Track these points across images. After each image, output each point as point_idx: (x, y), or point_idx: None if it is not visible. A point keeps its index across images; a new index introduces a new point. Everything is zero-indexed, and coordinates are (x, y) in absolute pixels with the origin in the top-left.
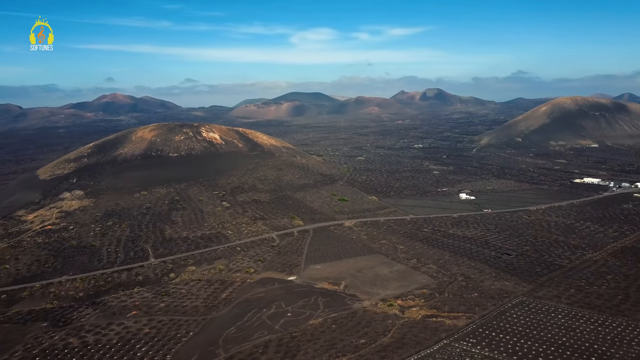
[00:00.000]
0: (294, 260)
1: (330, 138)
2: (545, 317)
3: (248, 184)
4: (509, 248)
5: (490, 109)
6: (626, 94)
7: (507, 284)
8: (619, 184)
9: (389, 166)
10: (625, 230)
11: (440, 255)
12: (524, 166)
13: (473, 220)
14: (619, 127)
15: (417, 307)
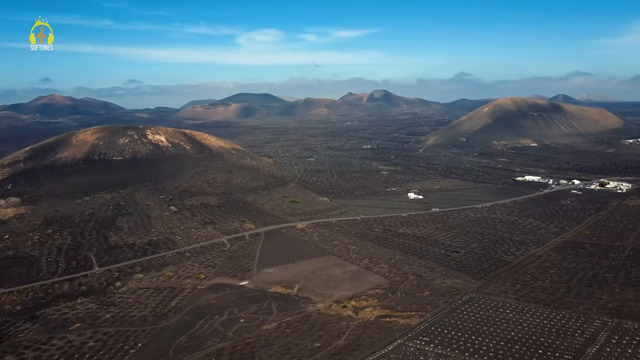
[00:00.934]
0: (246, 264)
1: (280, 139)
2: (494, 313)
3: (196, 187)
4: (458, 246)
5: (435, 110)
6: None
7: (457, 281)
8: (558, 181)
9: (339, 167)
10: (565, 225)
11: (391, 254)
12: (468, 165)
13: (422, 219)
14: (556, 126)
15: (371, 308)
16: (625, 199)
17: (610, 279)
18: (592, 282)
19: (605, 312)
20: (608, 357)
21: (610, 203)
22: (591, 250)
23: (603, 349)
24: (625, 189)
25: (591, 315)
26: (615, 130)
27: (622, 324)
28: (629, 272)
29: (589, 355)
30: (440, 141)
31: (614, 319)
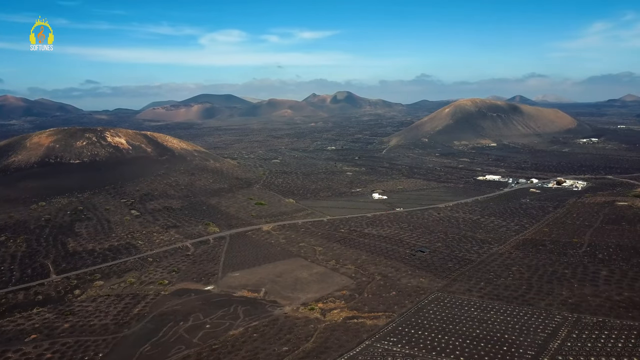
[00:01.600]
0: (211, 268)
1: (244, 141)
2: (459, 311)
3: (158, 191)
4: (423, 245)
5: (397, 111)
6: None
7: (422, 280)
8: (517, 180)
9: (305, 168)
10: (525, 223)
11: (357, 255)
12: (431, 165)
13: (387, 219)
14: (514, 127)
15: (338, 309)
16: (581, 196)
17: (569, 275)
18: (552, 278)
19: (566, 307)
20: (569, 351)
21: (567, 201)
22: (550, 247)
23: (564, 343)
24: (580, 187)
25: (552, 311)
26: (570, 130)
27: (582, 319)
28: (586, 267)
29: (551, 351)
30: (403, 142)
31: (573, 314)
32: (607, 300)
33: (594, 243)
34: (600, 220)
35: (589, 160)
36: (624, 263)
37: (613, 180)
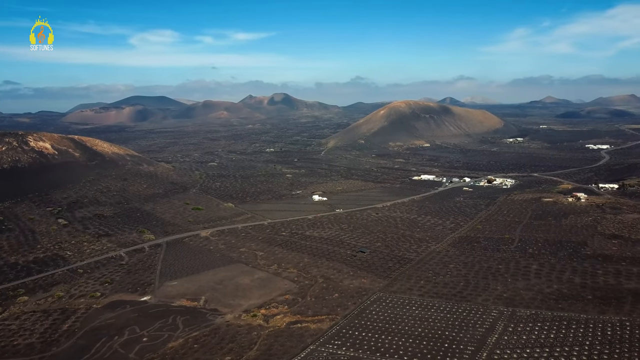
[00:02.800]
0: (147, 278)
1: (179, 143)
2: (401, 311)
3: (88, 198)
4: (363, 245)
5: (334, 113)
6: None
7: (364, 281)
8: (451, 179)
9: (243, 171)
10: (460, 221)
11: (299, 258)
12: (368, 166)
13: (327, 221)
14: (446, 127)
15: (281, 315)
16: (510, 194)
17: (503, 270)
18: (487, 274)
19: (501, 302)
20: (506, 345)
21: (497, 198)
22: (484, 244)
23: (501, 337)
24: (509, 185)
25: (489, 306)
26: (497, 130)
27: (516, 312)
28: (518, 262)
29: (489, 345)
30: (340, 143)
31: (509, 308)
32: (538, 293)
33: (524, 238)
34: (529, 216)
35: (516, 158)
36: (552, 257)
37: (538, 178)
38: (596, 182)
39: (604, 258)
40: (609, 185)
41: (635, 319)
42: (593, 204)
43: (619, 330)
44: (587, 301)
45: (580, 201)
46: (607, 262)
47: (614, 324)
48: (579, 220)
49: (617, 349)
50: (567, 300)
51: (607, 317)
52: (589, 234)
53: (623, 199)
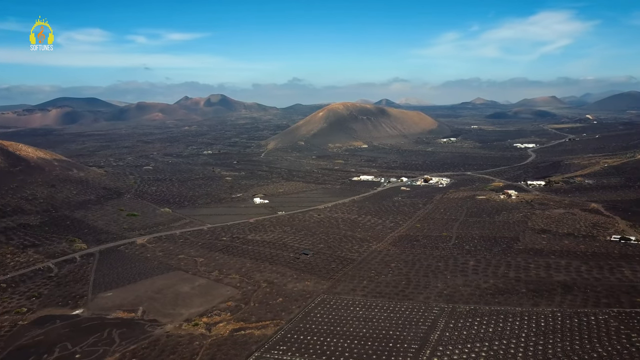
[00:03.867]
0: (79, 290)
1: (112, 147)
2: (345, 312)
3: (11, 206)
4: (306, 248)
5: (272, 115)
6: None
7: (308, 284)
8: (389, 179)
9: (180, 175)
10: (399, 220)
11: (241, 263)
12: (308, 168)
13: (269, 224)
14: (382, 129)
15: (224, 322)
16: (446, 192)
17: (442, 267)
18: (427, 271)
19: (442, 299)
20: (448, 341)
21: (434, 197)
22: (424, 242)
23: (443, 334)
24: (445, 184)
25: (430, 304)
26: (432, 130)
27: (457, 308)
28: (456, 259)
29: (432, 342)
30: (280, 145)
31: (449, 305)
32: (476, 288)
33: (461, 235)
34: (465, 214)
35: (450, 158)
36: (488, 252)
37: (472, 176)
38: (525, 179)
39: (535, 252)
40: (537, 182)
41: (566, 310)
42: (523, 200)
43: (552, 321)
44: (522, 294)
45: (511, 198)
46: (537, 256)
47: (546, 315)
48: (510, 216)
49: (551, 339)
50: (503, 295)
51: (540, 309)
52: (521, 230)
53: (549, 195)
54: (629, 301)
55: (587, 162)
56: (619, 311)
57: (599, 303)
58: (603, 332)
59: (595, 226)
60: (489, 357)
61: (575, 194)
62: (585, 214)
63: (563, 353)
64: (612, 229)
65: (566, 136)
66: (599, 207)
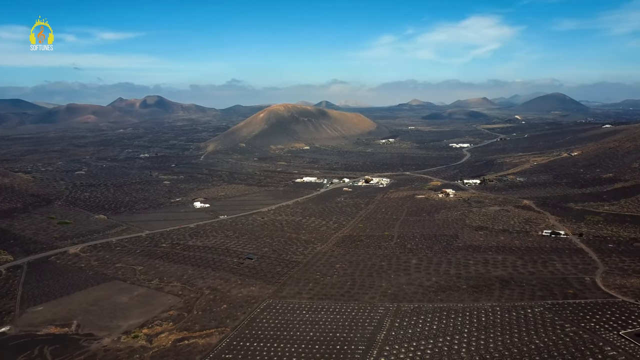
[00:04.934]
0: (5, 305)
1: (40, 151)
2: (292, 316)
3: None
4: (250, 252)
5: (212, 116)
6: (324, 102)
7: (253, 289)
8: (331, 180)
9: (116, 179)
10: (342, 221)
11: (183, 270)
12: (250, 170)
13: (211, 229)
14: (323, 130)
15: (166, 333)
16: (387, 192)
17: (385, 267)
18: (372, 271)
19: (387, 298)
20: (394, 340)
21: (375, 197)
22: (367, 242)
23: (389, 333)
24: (385, 184)
25: (375, 303)
26: (371, 132)
27: (401, 307)
28: (399, 258)
29: (379, 342)
30: (220, 147)
31: (394, 304)
32: (419, 286)
33: (402, 234)
34: (405, 213)
35: (389, 158)
36: (429, 250)
37: (411, 176)
38: (461, 178)
39: (474, 249)
40: (472, 180)
41: (504, 304)
42: (460, 198)
43: (492, 315)
44: (463, 291)
45: (449, 197)
46: (476, 253)
47: (486, 310)
48: (449, 214)
49: (492, 333)
50: (445, 292)
51: (481, 304)
52: (459, 227)
53: (485, 193)
54: (561, 293)
55: (518, 161)
56: (552, 303)
57: (534, 296)
58: (539, 324)
59: (528, 222)
60: (434, 355)
61: (509, 191)
62: (519, 210)
63: (503, 346)
64: (543, 224)
65: (498, 136)
66: (531, 203)
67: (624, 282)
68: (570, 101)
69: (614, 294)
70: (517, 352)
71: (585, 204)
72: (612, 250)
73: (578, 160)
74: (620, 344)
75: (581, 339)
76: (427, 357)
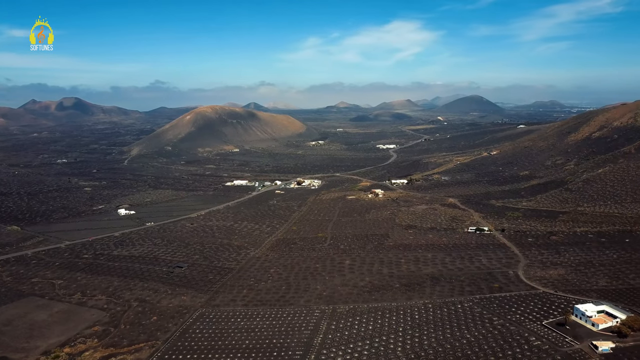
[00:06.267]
0: None
1: None
2: (226, 325)
3: None
4: (180, 260)
5: (135, 119)
6: (252, 103)
7: (184, 298)
8: (263, 183)
9: (30, 187)
10: (276, 224)
11: (108, 282)
12: (178, 174)
13: (138, 237)
14: (253, 132)
15: (91, 350)
16: (319, 194)
17: (320, 269)
18: (306, 274)
19: (322, 300)
20: (332, 343)
21: (308, 199)
22: (301, 245)
23: (326, 336)
24: (317, 185)
25: (311, 307)
26: (301, 134)
27: (337, 309)
28: (333, 259)
29: (316, 346)
30: (145, 151)
31: (329, 306)
32: (354, 287)
33: (335, 235)
34: (337, 214)
35: (320, 160)
36: (361, 250)
37: (341, 177)
38: (389, 178)
39: (404, 247)
40: (400, 180)
41: (436, 300)
42: (389, 198)
43: (424, 312)
44: (396, 289)
45: (378, 197)
46: (407, 251)
47: (419, 307)
48: (379, 214)
49: (425, 330)
50: (379, 291)
51: (414, 302)
52: (390, 226)
53: (412, 192)
54: (487, 287)
55: (442, 161)
56: (480, 297)
57: (463, 291)
58: (469, 319)
59: (454, 219)
60: (371, 356)
61: (434, 190)
62: (445, 208)
63: (437, 343)
64: (468, 221)
65: (422, 137)
66: (456, 201)
67: (543, 274)
68: (487, 103)
69: (536, 286)
70: (450, 347)
71: (506, 201)
72: (531, 244)
73: (497, 159)
74: (543, 333)
75: (508, 330)
76: (365, 358)
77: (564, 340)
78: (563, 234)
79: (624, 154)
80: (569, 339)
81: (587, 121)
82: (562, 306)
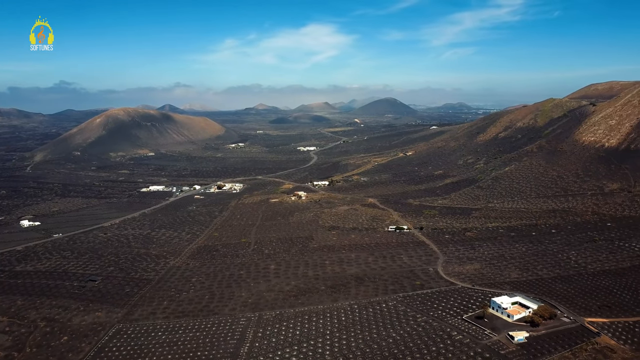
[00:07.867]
0: None
1: None
2: (146, 340)
3: None
4: (93, 273)
5: (38, 122)
6: (167, 105)
7: (99, 314)
8: (181, 188)
9: None
10: (196, 231)
11: (10, 302)
12: (88, 181)
13: (44, 250)
14: (169, 135)
15: None
16: (240, 198)
17: (244, 275)
18: (230, 281)
19: (247, 308)
20: (259, 351)
21: (229, 203)
22: (223, 251)
23: (253, 345)
24: (238, 189)
25: (237, 315)
26: (220, 136)
27: (263, 316)
28: (257, 265)
29: (243, 356)
30: (51, 156)
31: (255, 313)
32: (279, 292)
33: (259, 240)
34: (261, 218)
35: (240, 163)
36: (286, 254)
37: (263, 180)
38: (311, 180)
39: (328, 249)
40: (321, 182)
41: (361, 301)
42: (312, 200)
43: (350, 314)
44: (322, 292)
45: (301, 199)
46: (331, 252)
47: (345, 309)
48: (303, 216)
49: (352, 332)
50: (305, 295)
51: (340, 304)
52: (313, 228)
53: (334, 193)
54: (410, 285)
55: (360, 162)
56: (404, 295)
57: (387, 290)
58: (394, 317)
59: (375, 219)
60: None
61: (355, 191)
62: (365, 208)
63: (364, 343)
64: (388, 220)
65: (340, 139)
66: (375, 201)
67: (461, 269)
68: (401, 105)
69: (454, 281)
70: (377, 347)
71: (422, 199)
72: (448, 241)
73: (413, 159)
74: (464, 327)
75: (431, 327)
76: None
77: (483, 333)
78: (477, 229)
79: (527, 152)
80: (488, 331)
81: (493, 122)
82: (480, 300)
